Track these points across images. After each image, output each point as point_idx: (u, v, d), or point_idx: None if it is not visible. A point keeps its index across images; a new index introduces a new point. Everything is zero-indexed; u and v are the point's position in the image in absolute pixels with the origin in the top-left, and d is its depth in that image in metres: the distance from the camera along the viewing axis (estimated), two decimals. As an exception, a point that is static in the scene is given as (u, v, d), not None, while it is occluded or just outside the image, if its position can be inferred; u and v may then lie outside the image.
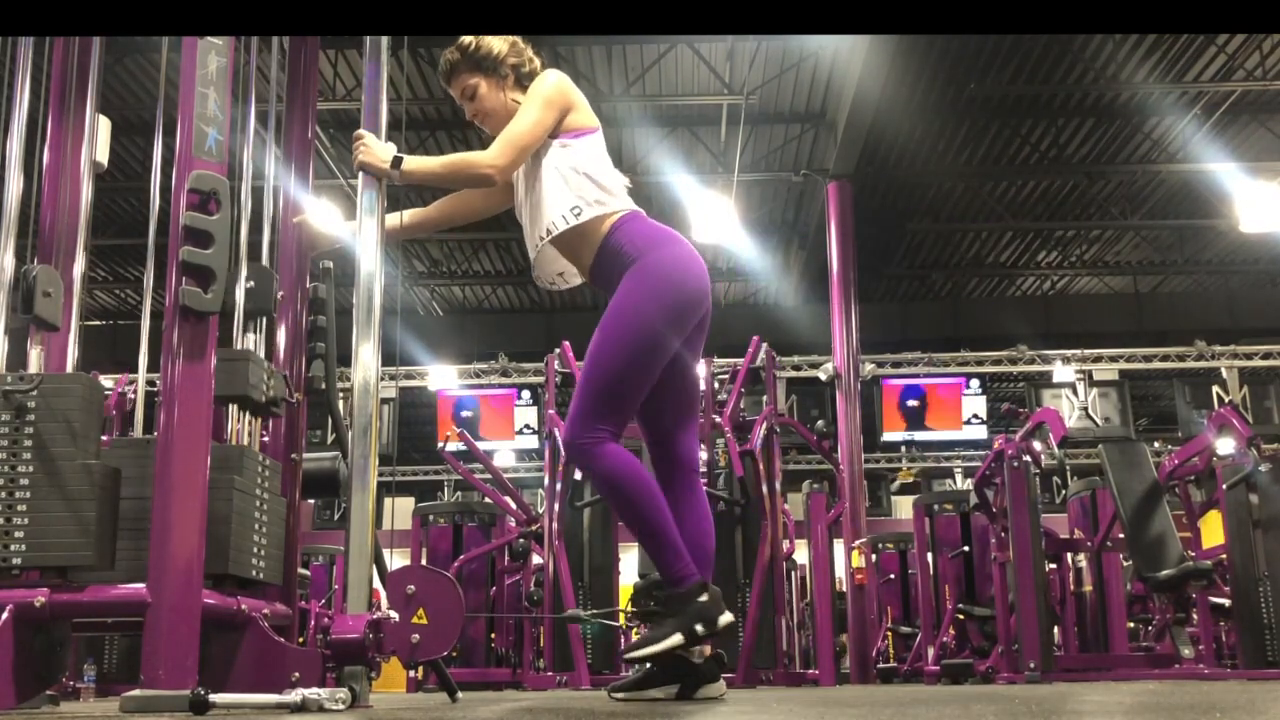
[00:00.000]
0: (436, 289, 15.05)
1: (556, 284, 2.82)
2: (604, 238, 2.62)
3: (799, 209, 13.26)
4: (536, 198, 2.66)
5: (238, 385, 2.43)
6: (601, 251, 2.63)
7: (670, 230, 2.70)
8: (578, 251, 2.69)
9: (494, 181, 2.65)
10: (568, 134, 2.66)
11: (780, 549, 6.33)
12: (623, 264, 2.59)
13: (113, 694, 4.49)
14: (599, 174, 2.64)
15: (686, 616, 2.54)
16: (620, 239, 2.61)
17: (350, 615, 2.29)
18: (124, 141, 10.86)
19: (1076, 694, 2.96)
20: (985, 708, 1.96)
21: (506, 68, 2.76)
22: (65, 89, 2.64)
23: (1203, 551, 6.41)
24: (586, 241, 2.64)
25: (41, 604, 2.10)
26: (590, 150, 2.67)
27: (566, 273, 2.79)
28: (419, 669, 5.46)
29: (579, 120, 2.68)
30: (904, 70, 9.80)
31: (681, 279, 2.60)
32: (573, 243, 2.66)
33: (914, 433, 13.11)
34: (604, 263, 2.64)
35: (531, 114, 2.62)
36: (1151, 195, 12.75)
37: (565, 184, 2.62)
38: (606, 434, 2.56)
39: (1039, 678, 5.74)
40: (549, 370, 6.93)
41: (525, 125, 2.61)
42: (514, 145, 2.60)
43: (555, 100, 2.64)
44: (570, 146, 2.65)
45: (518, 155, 2.61)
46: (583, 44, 9.70)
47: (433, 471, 15.61)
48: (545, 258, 2.74)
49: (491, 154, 2.60)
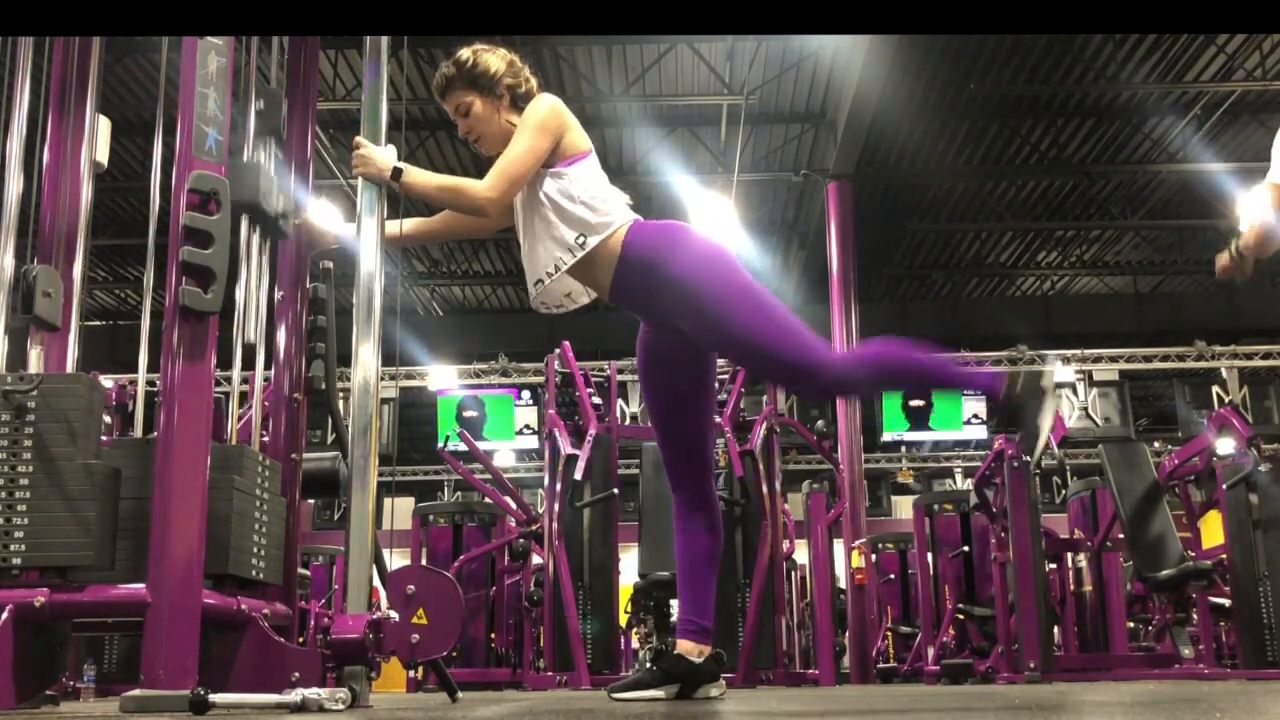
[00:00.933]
0: (436, 289, 15.05)
1: (564, 305, 2.77)
2: (620, 254, 2.59)
3: (799, 209, 13.26)
4: (535, 236, 2.64)
5: (249, 191, 2.38)
6: (623, 267, 2.59)
7: (673, 221, 2.73)
8: (593, 275, 2.65)
9: (487, 214, 2.65)
10: (563, 161, 2.62)
11: (780, 549, 6.33)
12: (657, 267, 2.56)
13: (113, 694, 4.48)
14: (596, 197, 2.61)
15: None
16: (640, 250, 2.58)
17: (350, 615, 2.29)
18: (124, 141, 10.86)
19: (1076, 694, 2.96)
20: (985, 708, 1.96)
21: (502, 88, 2.71)
22: (65, 89, 2.63)
23: (1203, 551, 6.41)
24: (600, 265, 2.60)
25: (41, 604, 2.10)
26: (585, 174, 2.63)
27: (574, 293, 2.75)
28: (419, 669, 5.46)
29: (573, 144, 2.64)
30: (904, 70, 9.80)
31: (718, 247, 2.66)
32: (585, 269, 2.63)
33: (914, 433, 13.10)
34: (630, 275, 2.60)
35: (525, 142, 2.57)
36: (1151, 195, 12.75)
37: (564, 218, 2.58)
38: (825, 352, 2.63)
39: (1039, 678, 5.74)
40: (549, 370, 6.92)
41: (519, 154, 2.57)
42: (508, 177, 2.57)
43: (550, 126, 2.60)
44: (565, 175, 2.61)
45: (511, 187, 2.59)
46: (583, 44, 9.70)
47: (433, 471, 15.61)
48: (550, 288, 2.68)
49: (486, 185, 2.57)
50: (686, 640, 2.70)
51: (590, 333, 13.51)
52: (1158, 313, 14.37)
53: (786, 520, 7.03)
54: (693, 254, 2.58)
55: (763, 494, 6.13)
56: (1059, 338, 13.75)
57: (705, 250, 2.60)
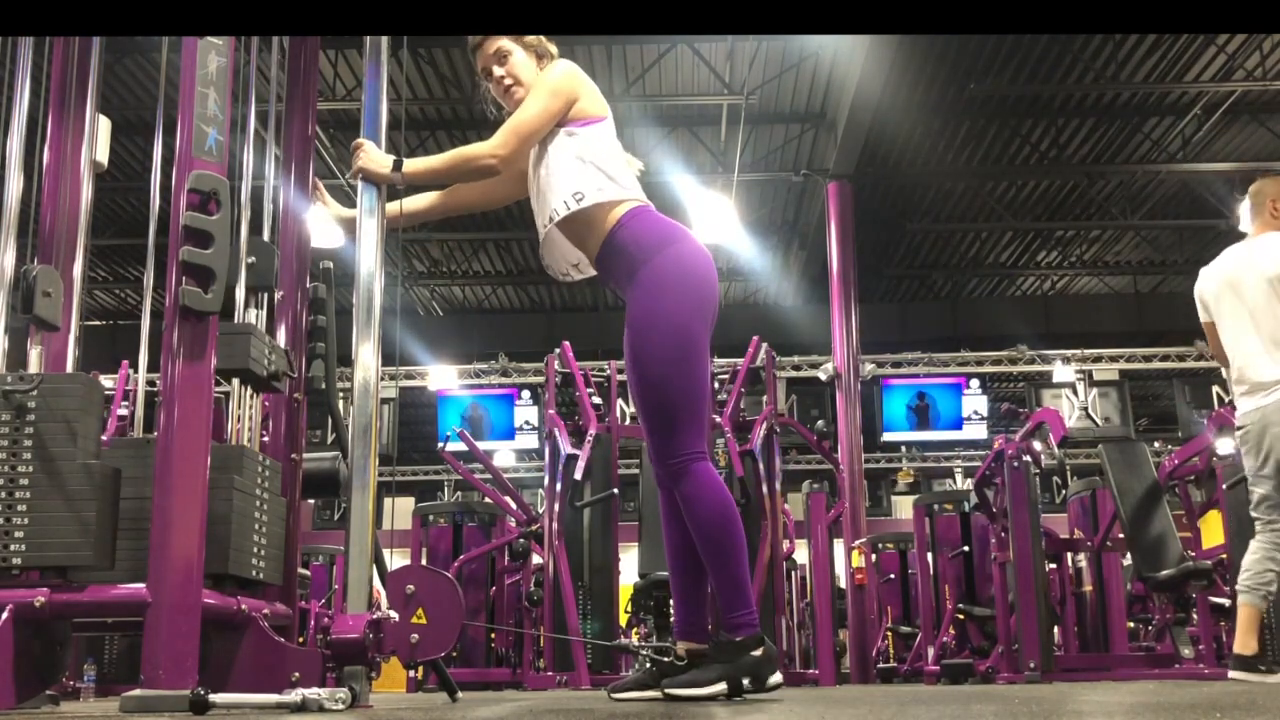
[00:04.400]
0: (436, 289, 15.05)
1: (571, 275, 2.80)
2: (610, 230, 2.61)
3: (799, 209, 13.26)
4: (541, 184, 2.67)
5: (239, 359, 2.41)
6: (608, 245, 2.62)
7: (676, 226, 2.69)
8: (584, 239, 2.68)
9: (498, 171, 2.64)
10: (575, 122, 2.65)
11: (780, 549, 6.33)
12: (630, 264, 2.59)
13: (113, 694, 4.48)
14: (605, 162, 2.64)
15: (736, 667, 2.50)
16: (626, 236, 2.60)
17: (350, 615, 2.29)
18: (124, 141, 10.86)
19: (1076, 694, 2.96)
20: (985, 708, 1.96)
21: (535, 41, 2.78)
22: (65, 89, 2.64)
23: (1203, 551, 6.40)
24: (592, 230, 2.63)
25: (41, 604, 2.10)
26: (598, 138, 2.66)
27: (581, 264, 2.77)
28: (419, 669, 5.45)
29: (587, 108, 2.67)
30: (904, 70, 9.80)
31: (697, 277, 2.60)
32: (579, 230, 2.65)
33: (914, 433, 13.11)
34: (609, 257, 2.63)
35: (538, 102, 2.62)
36: (1151, 195, 12.75)
37: (569, 171, 2.62)
38: (696, 453, 2.55)
39: (1039, 678, 5.74)
40: (549, 370, 6.92)
41: (530, 114, 2.61)
42: (517, 134, 2.60)
43: (562, 89, 2.64)
44: (577, 135, 2.64)
45: (520, 144, 2.61)
46: (583, 44, 9.70)
47: (433, 471, 15.62)
48: (555, 245, 2.72)
49: (493, 143, 2.59)
50: (686, 641, 2.69)
51: (590, 333, 13.53)
52: (1158, 313, 14.37)
53: (786, 520, 7.03)
54: (664, 272, 2.56)
55: (763, 494, 6.13)
56: (1059, 338, 13.75)
57: (676, 273, 2.57)
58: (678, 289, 2.56)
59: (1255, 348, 3.99)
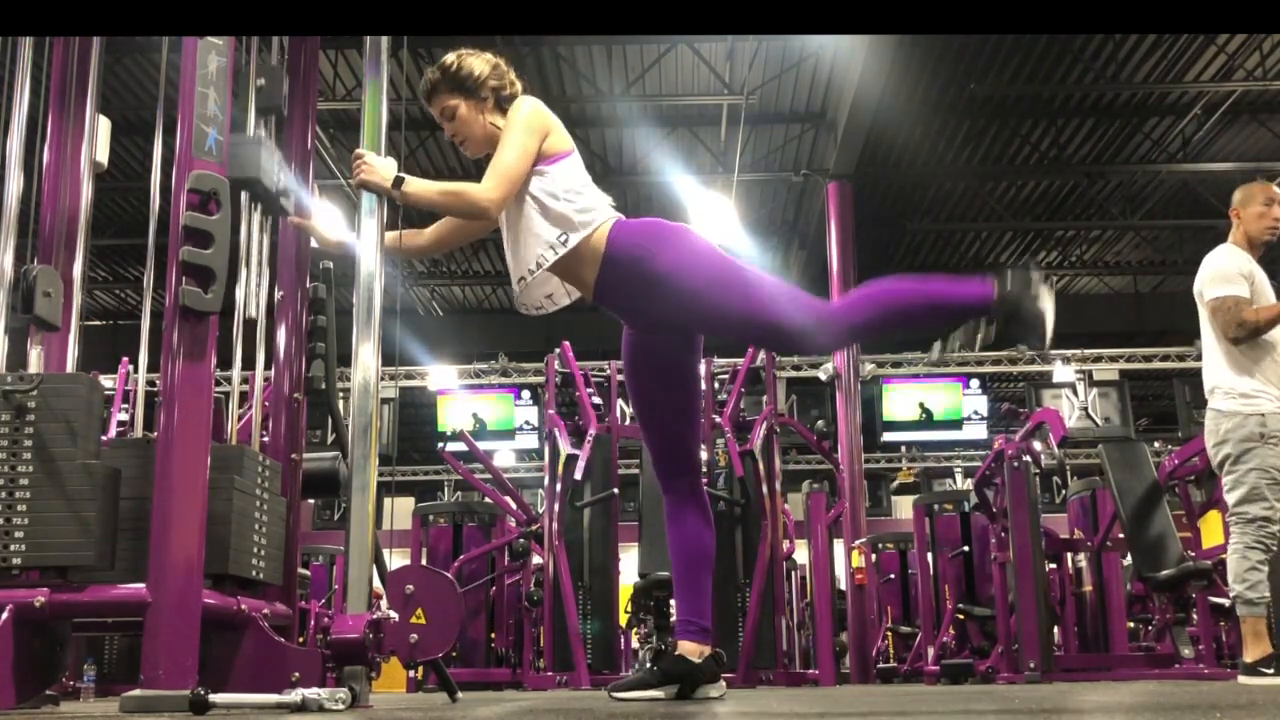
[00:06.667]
0: (436, 289, 15.05)
1: (544, 307, 2.79)
2: (605, 252, 2.61)
3: (799, 209, 13.25)
4: (518, 233, 2.65)
5: (250, 167, 2.39)
6: (607, 264, 2.61)
7: (654, 218, 2.73)
8: (577, 273, 2.67)
9: (490, 215, 2.65)
10: (545, 160, 2.64)
11: (780, 549, 6.33)
12: (643, 263, 2.59)
13: (113, 694, 4.48)
14: (578, 196, 2.63)
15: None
16: (623, 246, 2.60)
17: (350, 615, 2.29)
18: (124, 141, 10.86)
19: (1076, 694, 2.96)
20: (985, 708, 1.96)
21: (487, 90, 2.74)
22: (65, 89, 2.64)
23: (1203, 551, 6.40)
24: (585, 262, 2.62)
25: (41, 604, 2.10)
26: (568, 173, 2.66)
27: (555, 295, 2.77)
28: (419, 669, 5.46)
29: (555, 144, 2.67)
30: (904, 70, 9.80)
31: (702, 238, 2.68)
32: (568, 267, 2.65)
33: (914, 433, 13.10)
34: (615, 271, 2.62)
35: (517, 143, 2.60)
36: (1151, 195, 12.75)
37: (546, 216, 2.60)
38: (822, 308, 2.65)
39: (1039, 678, 5.73)
40: (549, 370, 6.93)
41: (513, 155, 2.60)
42: (506, 177, 2.58)
43: (536, 125, 2.64)
44: (547, 174, 2.63)
45: (511, 187, 2.60)
46: (583, 44, 9.70)
47: (433, 471, 15.61)
48: (539, 285, 2.71)
49: (486, 188, 2.58)
50: (687, 640, 2.70)
51: (590, 333, 13.49)
52: (1158, 313, 14.37)
53: (786, 520, 7.03)
54: (676, 247, 2.60)
55: (763, 494, 6.13)
56: (1059, 337, 13.54)
57: (688, 243, 2.63)
58: (695, 250, 2.62)
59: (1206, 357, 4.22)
